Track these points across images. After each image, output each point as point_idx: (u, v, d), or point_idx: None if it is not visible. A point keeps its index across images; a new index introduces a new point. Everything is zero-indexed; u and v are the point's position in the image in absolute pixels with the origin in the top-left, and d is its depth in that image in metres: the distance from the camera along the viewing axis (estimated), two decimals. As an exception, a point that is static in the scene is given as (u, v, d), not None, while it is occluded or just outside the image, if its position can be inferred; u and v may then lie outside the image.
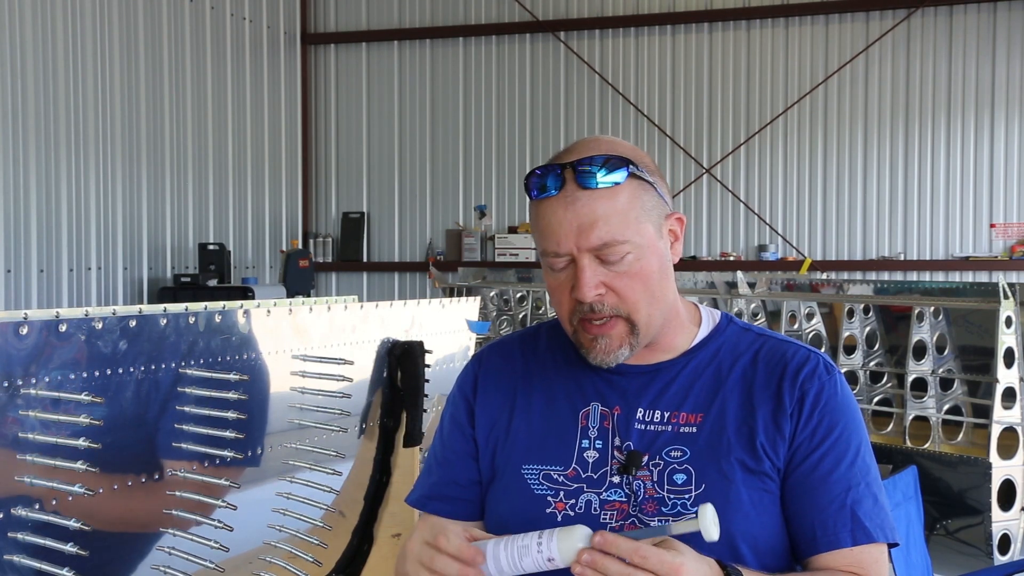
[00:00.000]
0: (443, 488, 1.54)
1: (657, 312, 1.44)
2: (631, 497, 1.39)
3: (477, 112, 10.74)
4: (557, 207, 1.39)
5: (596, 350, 1.41)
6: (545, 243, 1.42)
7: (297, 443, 1.98)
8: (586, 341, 1.42)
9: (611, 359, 1.42)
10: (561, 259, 1.40)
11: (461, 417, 1.56)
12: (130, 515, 1.61)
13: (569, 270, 1.40)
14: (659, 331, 1.46)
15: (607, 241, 1.37)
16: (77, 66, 7.83)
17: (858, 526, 1.38)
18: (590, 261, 1.38)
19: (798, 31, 10.01)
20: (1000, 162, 9.58)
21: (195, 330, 1.69)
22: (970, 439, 3.37)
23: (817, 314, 4.04)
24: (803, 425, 1.41)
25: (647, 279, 1.41)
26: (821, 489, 1.39)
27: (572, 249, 1.38)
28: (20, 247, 7.34)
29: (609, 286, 1.39)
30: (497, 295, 5.78)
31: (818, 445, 1.40)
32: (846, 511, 1.38)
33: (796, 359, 1.46)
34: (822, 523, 1.38)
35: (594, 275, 1.38)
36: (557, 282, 1.43)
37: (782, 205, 10.08)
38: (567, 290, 1.41)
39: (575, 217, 1.37)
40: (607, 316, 1.40)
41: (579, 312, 1.41)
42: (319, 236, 11.08)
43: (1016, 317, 3.16)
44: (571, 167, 1.39)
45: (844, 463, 1.40)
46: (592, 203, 1.37)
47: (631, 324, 1.41)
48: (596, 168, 1.38)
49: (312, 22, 11.10)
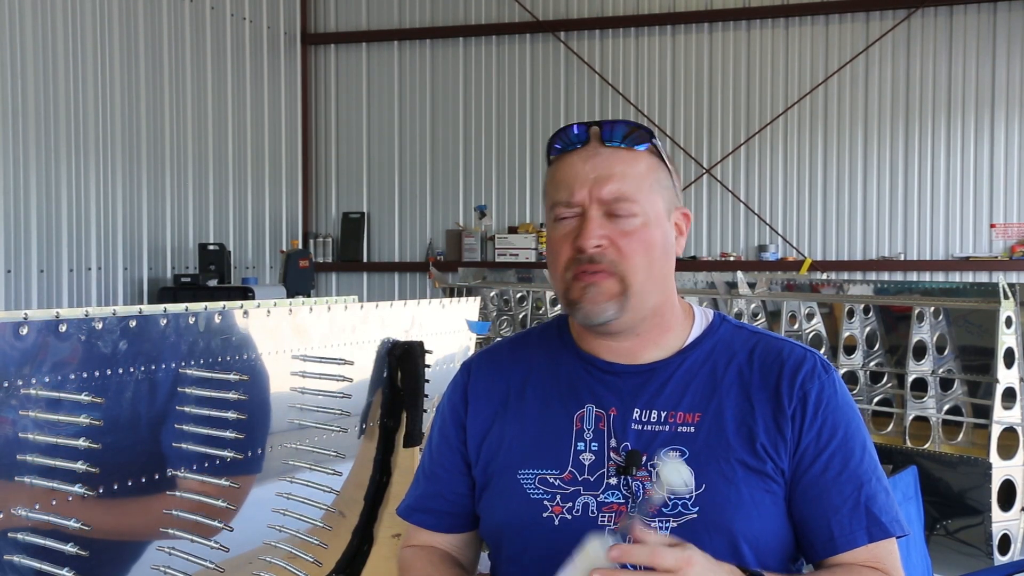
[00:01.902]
0: (428, 501, 1.55)
1: (652, 288, 1.43)
2: (629, 498, 1.39)
3: (477, 112, 10.74)
4: (577, 160, 1.43)
5: (585, 299, 1.40)
6: (558, 194, 1.43)
7: (297, 443, 1.98)
8: (576, 291, 1.41)
9: (598, 310, 1.40)
10: (571, 209, 1.42)
11: (449, 430, 1.55)
12: (130, 516, 1.61)
13: (575, 222, 1.42)
14: (652, 319, 1.46)
15: (619, 196, 1.40)
16: (77, 66, 7.83)
17: (873, 522, 1.39)
18: (598, 214, 1.40)
19: (798, 31, 10.01)
20: (1000, 162, 9.58)
21: (195, 330, 1.69)
22: (970, 439, 3.37)
23: (817, 314, 4.04)
24: (807, 427, 1.41)
25: (649, 248, 1.42)
26: (834, 490, 1.40)
27: (584, 199, 1.40)
28: (20, 247, 7.34)
29: (612, 241, 1.40)
30: (497, 295, 5.77)
31: (825, 446, 1.41)
32: (861, 509, 1.39)
33: (792, 358, 1.46)
34: (839, 523, 1.39)
35: (600, 227, 1.40)
36: (560, 234, 1.43)
37: (782, 205, 10.08)
38: (569, 241, 1.42)
39: (593, 169, 1.41)
40: (603, 269, 1.40)
41: (576, 262, 1.40)
42: (319, 236, 11.08)
43: (1016, 317, 3.16)
44: (597, 125, 1.44)
45: (853, 461, 1.41)
46: (611, 159, 1.42)
47: (623, 284, 1.40)
48: (621, 131, 1.43)
49: (312, 22, 11.10)
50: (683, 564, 1.19)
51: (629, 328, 1.44)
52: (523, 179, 10.66)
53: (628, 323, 1.43)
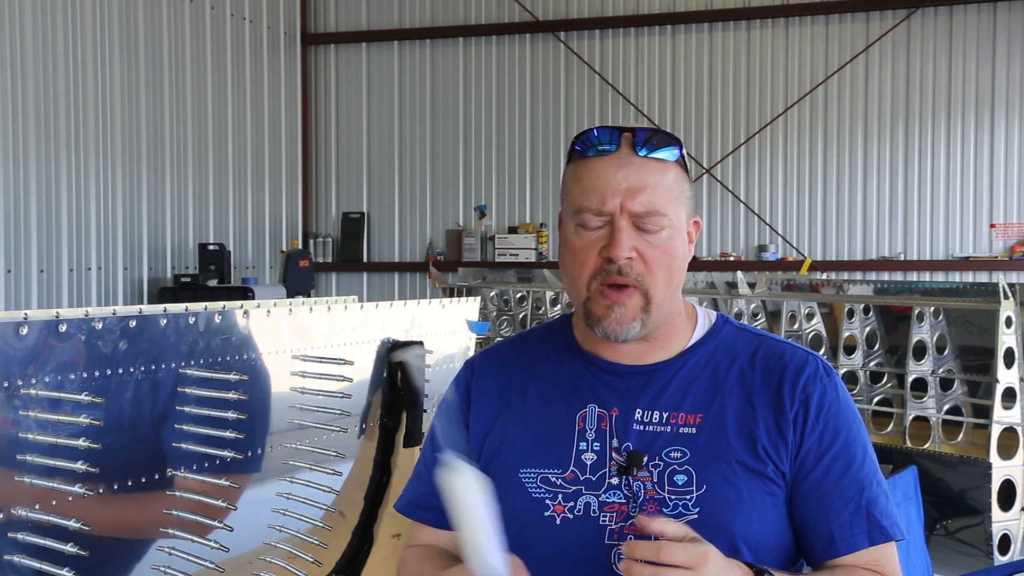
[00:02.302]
0: (431, 498, 1.54)
1: (669, 298, 1.44)
2: (631, 498, 1.39)
3: (477, 112, 10.74)
4: (608, 166, 1.41)
5: (610, 319, 1.40)
6: (586, 199, 1.41)
7: (297, 443, 1.98)
8: (600, 309, 1.41)
9: (623, 330, 1.40)
10: (600, 218, 1.40)
11: (451, 427, 1.55)
12: (130, 515, 1.61)
13: (602, 231, 1.40)
14: (664, 326, 1.46)
15: (650, 210, 1.39)
16: (77, 66, 7.83)
17: (875, 526, 1.39)
18: (628, 224, 1.39)
19: (798, 31, 10.01)
20: (1000, 162, 9.58)
21: (195, 330, 1.69)
22: (970, 439, 3.37)
23: (817, 314, 4.04)
24: (809, 431, 1.41)
25: (672, 260, 1.42)
26: (835, 493, 1.40)
27: (615, 209, 1.39)
28: (20, 247, 7.34)
29: (640, 253, 1.39)
30: (497, 295, 5.77)
31: (827, 450, 1.41)
32: (862, 512, 1.39)
33: (795, 361, 1.46)
34: (840, 526, 1.39)
35: (630, 238, 1.39)
36: (585, 242, 1.41)
37: (782, 205, 10.08)
38: (595, 250, 1.40)
39: (625, 178, 1.39)
40: (630, 283, 1.39)
41: (604, 273, 1.39)
42: (319, 236, 11.08)
43: (1016, 317, 3.16)
44: (630, 131, 1.42)
45: (855, 465, 1.41)
46: (644, 170, 1.40)
47: (647, 300, 1.40)
48: (655, 140, 1.41)
49: (312, 22, 11.10)
50: (699, 560, 1.19)
51: (643, 336, 1.45)
52: (523, 179, 10.66)
53: (644, 333, 1.44)
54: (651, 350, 1.48)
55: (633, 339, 1.43)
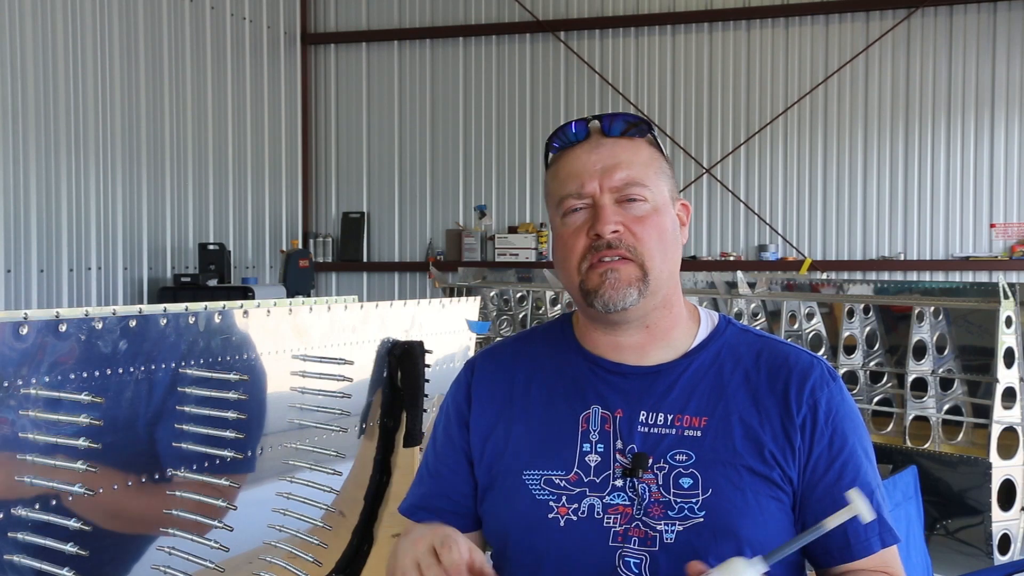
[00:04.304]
0: (433, 500, 1.54)
1: (666, 272, 1.44)
2: (635, 500, 1.38)
3: (477, 112, 10.74)
4: (581, 153, 1.45)
5: (604, 286, 1.40)
6: (566, 188, 1.44)
7: (297, 443, 1.98)
8: (594, 279, 1.41)
9: (620, 296, 1.40)
10: (582, 200, 1.42)
11: (453, 429, 1.54)
12: (130, 515, 1.61)
13: (587, 213, 1.42)
14: (662, 309, 1.45)
15: (628, 181, 1.41)
16: (77, 66, 7.83)
17: (885, 529, 1.40)
18: (611, 201, 1.41)
19: (798, 31, 10.01)
20: (1000, 162, 9.58)
21: (195, 330, 1.69)
22: (970, 439, 3.36)
23: (817, 314, 4.04)
24: (819, 437, 1.41)
25: (662, 232, 1.43)
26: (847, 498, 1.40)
27: (595, 189, 1.41)
28: (20, 247, 7.34)
29: (627, 227, 1.41)
30: (497, 295, 5.77)
31: (837, 455, 1.41)
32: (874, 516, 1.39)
33: (800, 365, 1.45)
34: (854, 531, 1.38)
35: (614, 213, 1.41)
36: (572, 228, 1.43)
37: (782, 205, 10.09)
38: (583, 232, 1.42)
39: (599, 159, 1.43)
40: (622, 254, 1.40)
41: (594, 250, 1.40)
42: (319, 236, 11.08)
43: (1016, 317, 3.16)
44: (596, 119, 1.46)
45: (863, 469, 1.42)
46: (615, 148, 1.44)
47: (643, 270, 1.40)
48: (620, 122, 1.45)
49: (312, 22, 11.10)
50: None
51: (642, 316, 1.44)
52: (523, 179, 10.66)
53: (644, 309, 1.43)
54: (653, 345, 1.47)
55: (632, 310, 1.41)
